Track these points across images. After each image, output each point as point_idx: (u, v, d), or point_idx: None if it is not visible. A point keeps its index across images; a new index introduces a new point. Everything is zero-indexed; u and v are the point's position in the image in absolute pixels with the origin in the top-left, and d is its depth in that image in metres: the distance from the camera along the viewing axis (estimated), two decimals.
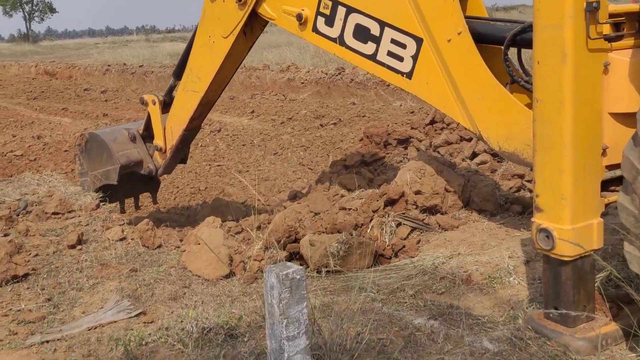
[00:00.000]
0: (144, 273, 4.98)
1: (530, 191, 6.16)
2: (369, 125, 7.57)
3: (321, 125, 13.94)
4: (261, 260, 4.89)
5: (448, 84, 4.62)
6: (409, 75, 4.82)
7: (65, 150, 13.39)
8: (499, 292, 3.87)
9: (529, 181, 6.23)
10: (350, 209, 6.01)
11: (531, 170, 6.03)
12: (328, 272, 4.69)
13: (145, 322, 4.06)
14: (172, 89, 7.12)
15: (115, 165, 6.90)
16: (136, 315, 4.19)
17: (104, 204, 6.73)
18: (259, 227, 7.04)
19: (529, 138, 4.32)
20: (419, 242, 5.00)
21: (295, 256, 4.90)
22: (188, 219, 8.18)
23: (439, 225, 5.18)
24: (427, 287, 4.08)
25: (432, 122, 7.69)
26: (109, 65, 32.46)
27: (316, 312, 3.73)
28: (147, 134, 7.30)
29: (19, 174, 11.57)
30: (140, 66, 29.83)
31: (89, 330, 4.03)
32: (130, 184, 7.63)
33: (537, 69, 3.08)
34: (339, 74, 19.06)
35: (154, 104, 7.11)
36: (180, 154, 7.24)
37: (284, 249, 4.86)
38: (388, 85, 17.66)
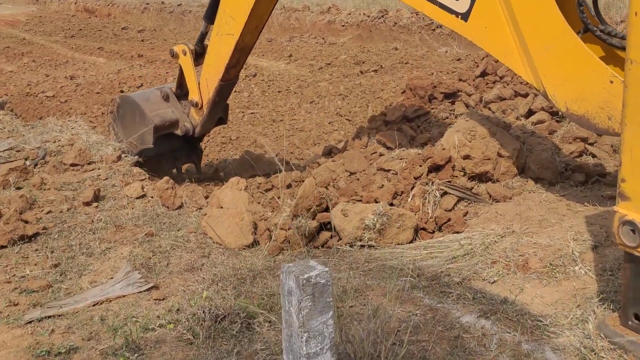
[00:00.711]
0: (161, 238, 4.55)
1: (594, 156, 5.49)
2: (412, 76, 6.91)
3: (361, 72, 13.24)
4: (288, 229, 4.39)
5: (511, 29, 3.96)
6: (465, 16, 4.16)
7: (97, 92, 13.03)
8: (563, 284, 3.30)
9: (591, 144, 5.55)
10: (389, 171, 5.46)
11: (599, 135, 5.38)
12: (362, 246, 4.19)
13: (155, 299, 3.64)
14: (203, 36, 6.49)
15: (149, 126, 6.34)
16: (147, 290, 3.77)
17: (125, 156, 6.30)
18: (289, 185, 6.57)
19: (603, 100, 3.69)
20: (466, 214, 4.43)
21: (325, 226, 4.39)
22: (216, 172, 7.72)
23: (490, 196, 4.58)
24: (476, 273, 3.53)
25: (483, 74, 6.97)
26: (147, 4, 31.85)
27: (346, 301, 3.24)
28: (182, 92, 6.71)
29: (48, 117, 11.34)
30: (179, 5, 29.12)
31: (94, 305, 3.63)
32: (172, 156, 7.16)
33: (635, 22, 2.43)
34: (382, 16, 18.15)
35: (185, 54, 6.47)
36: (218, 109, 6.65)
37: (314, 219, 4.34)
38: (433, 30, 16.76)
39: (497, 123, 5.02)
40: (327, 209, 4.45)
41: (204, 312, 3.15)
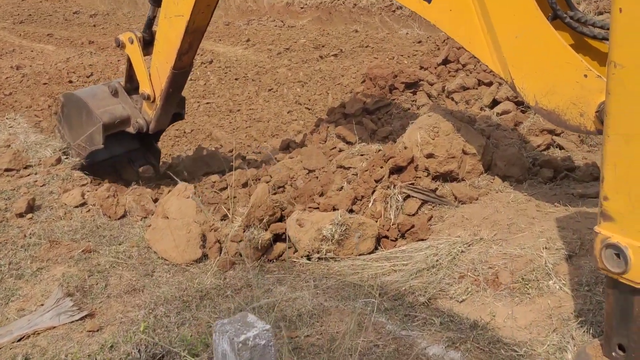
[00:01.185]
0: (100, 254, 4.15)
1: (561, 148, 5.25)
2: (372, 65, 6.56)
3: (321, 57, 12.86)
4: (240, 241, 4.04)
5: (478, 13, 3.61)
6: None
7: (45, 83, 12.39)
8: (536, 301, 3.03)
9: (558, 134, 5.30)
10: (349, 168, 5.14)
11: (571, 131, 5.11)
12: (320, 259, 3.86)
13: (89, 331, 3.26)
14: (151, 21, 5.91)
15: (97, 124, 5.59)
16: (80, 319, 3.38)
17: (66, 158, 5.84)
18: (245, 184, 6.20)
19: (576, 95, 3.40)
20: (430, 219, 4.13)
21: (280, 237, 4.04)
22: (170, 168, 7.28)
23: (455, 198, 4.29)
24: (443, 290, 3.24)
25: (445, 61, 6.66)
26: None
27: (301, 329, 2.91)
28: (132, 86, 5.99)
29: None
30: None
31: (20, 340, 3.24)
32: (127, 158, 6.45)
33: (619, 20, 2.12)
34: None
35: (132, 42, 5.81)
36: (173, 101, 5.93)
37: (267, 230, 4.00)
38: (394, 11, 16.45)
39: (461, 118, 4.72)
40: (282, 218, 4.11)
41: (139, 350, 2.79)
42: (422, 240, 3.93)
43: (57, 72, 13.13)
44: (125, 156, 6.52)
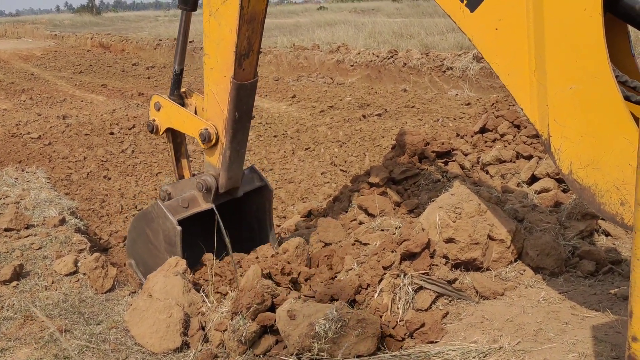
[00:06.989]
0: (73, 335, 3.74)
1: (607, 234, 4.63)
2: (402, 131, 6.11)
3: (363, 117, 12.53)
4: (224, 330, 3.57)
5: (530, 44, 2.83)
6: (472, 4, 2.97)
7: (86, 134, 12.41)
8: None
9: (603, 219, 4.68)
10: (367, 244, 4.67)
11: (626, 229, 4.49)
12: (312, 358, 3.34)
13: None
14: (179, 78, 4.69)
15: (169, 223, 4.34)
16: None
17: (71, 218, 5.55)
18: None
19: (623, 179, 2.73)
20: (445, 315, 3.58)
21: (269, 330, 3.55)
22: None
23: (476, 292, 3.73)
24: None
25: (483, 130, 6.14)
26: (160, 40, 31.76)
27: None
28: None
29: (29, 160, 10.70)
30: (191, 42, 28.81)
31: None
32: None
33: None
34: (391, 57, 17.52)
35: (158, 109, 4.69)
36: (243, 135, 4.50)
37: (254, 319, 3.51)
38: (444, 72, 16.08)
39: (489, 198, 4.18)
40: (273, 307, 3.63)
41: None
42: (433, 342, 3.38)
43: (100, 123, 13.19)
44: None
